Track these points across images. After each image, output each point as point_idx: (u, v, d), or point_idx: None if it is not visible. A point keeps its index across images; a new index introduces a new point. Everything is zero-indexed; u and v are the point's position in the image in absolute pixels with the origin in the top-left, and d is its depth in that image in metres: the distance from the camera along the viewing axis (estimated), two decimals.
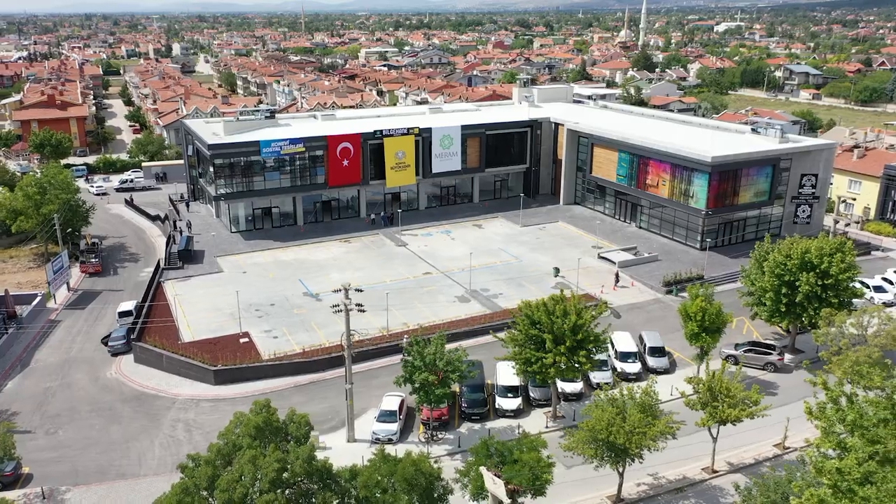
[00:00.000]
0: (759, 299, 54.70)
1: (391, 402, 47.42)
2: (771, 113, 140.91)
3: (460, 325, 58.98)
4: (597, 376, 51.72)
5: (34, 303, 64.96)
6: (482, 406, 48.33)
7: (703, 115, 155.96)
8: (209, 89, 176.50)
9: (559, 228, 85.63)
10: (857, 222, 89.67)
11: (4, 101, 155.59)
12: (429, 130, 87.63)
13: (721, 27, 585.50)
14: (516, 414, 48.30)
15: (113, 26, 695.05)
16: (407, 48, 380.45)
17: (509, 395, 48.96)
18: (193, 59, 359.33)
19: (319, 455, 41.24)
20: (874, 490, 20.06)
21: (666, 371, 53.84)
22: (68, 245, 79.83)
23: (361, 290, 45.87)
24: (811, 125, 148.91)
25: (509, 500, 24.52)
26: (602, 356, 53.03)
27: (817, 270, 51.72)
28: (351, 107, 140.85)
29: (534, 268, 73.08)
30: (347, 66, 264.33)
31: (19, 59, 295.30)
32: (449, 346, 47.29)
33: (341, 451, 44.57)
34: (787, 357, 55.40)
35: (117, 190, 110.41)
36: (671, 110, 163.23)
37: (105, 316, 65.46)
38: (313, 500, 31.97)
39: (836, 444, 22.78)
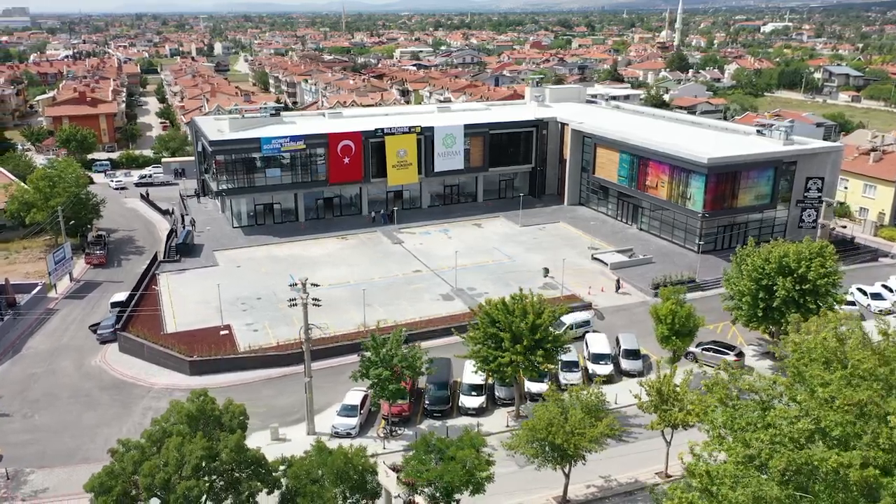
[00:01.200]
0: (738, 303, 53.77)
1: (353, 397, 47.92)
2: (797, 115, 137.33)
3: (436, 323, 59.26)
4: (567, 377, 51.45)
5: (33, 292, 67.21)
6: (445, 403, 48.52)
7: (732, 118, 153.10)
8: (236, 87, 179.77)
9: (559, 229, 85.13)
10: (843, 227, 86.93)
11: (38, 98, 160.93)
12: (431, 129, 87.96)
13: (768, 27, 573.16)
14: (479, 412, 48.34)
15: (161, 26, 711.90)
16: (443, 48, 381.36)
17: (473, 393, 49.01)
18: (229, 58, 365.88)
19: (276, 447, 42.40)
20: (734, 494, 19.72)
21: (640, 374, 53.10)
22: (77, 237, 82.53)
23: (318, 285, 46.46)
24: (842, 127, 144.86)
25: (397, 493, 24.72)
26: (573, 357, 52.92)
27: (795, 275, 50.65)
28: (372, 105, 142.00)
29: (525, 268, 72.83)
30: (379, 65, 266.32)
31: (65, 57, 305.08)
32: (413, 344, 47.84)
33: (301, 443, 45.02)
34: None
35: (136, 185, 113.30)
36: (694, 112, 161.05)
37: (101, 306, 67.25)
38: (240, 487, 32.58)
39: (719, 446, 22.46)
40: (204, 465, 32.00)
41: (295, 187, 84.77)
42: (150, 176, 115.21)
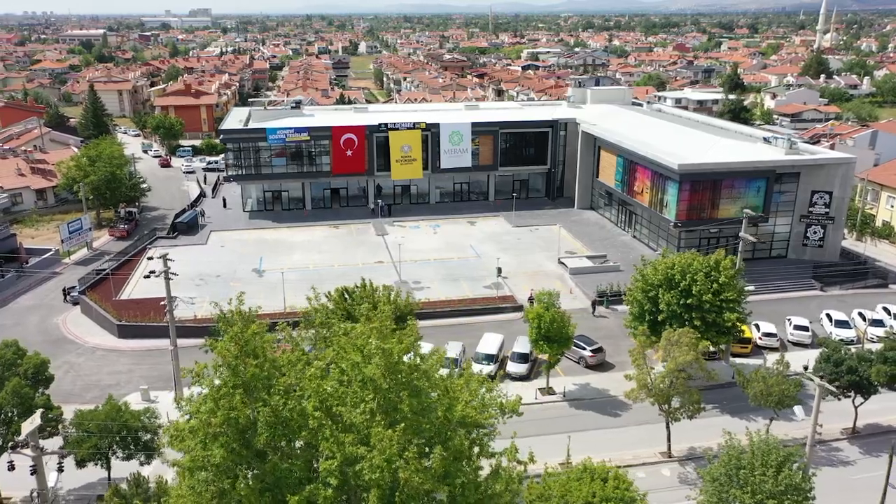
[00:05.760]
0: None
1: None
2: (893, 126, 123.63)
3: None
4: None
5: (44, 256, 76.29)
6: None
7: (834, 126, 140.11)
8: (335, 86, 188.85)
9: (551, 232, 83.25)
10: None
11: (150, 90, 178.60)
12: (437, 126, 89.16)
13: None
14: None
15: (327, 26, 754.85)
16: (577, 49, 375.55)
17: None
18: (352, 57, 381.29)
19: (143, 405, 46.25)
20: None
21: (522, 378, 52.29)
22: (113, 212, 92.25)
23: (173, 260, 50.04)
24: None
25: (25, 440, 27.39)
26: (491, 350, 53.23)
27: (679, 289, 47.58)
28: (446, 101, 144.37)
29: (486, 267, 72.50)
30: (497, 65, 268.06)
31: (220, 54, 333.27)
32: None
33: (165, 404, 48.95)
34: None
35: (204, 169, 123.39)
36: (803, 119, 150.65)
37: None
38: (11, 427, 36.68)
39: None
40: None
41: (300, 177, 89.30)
42: (217, 162, 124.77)
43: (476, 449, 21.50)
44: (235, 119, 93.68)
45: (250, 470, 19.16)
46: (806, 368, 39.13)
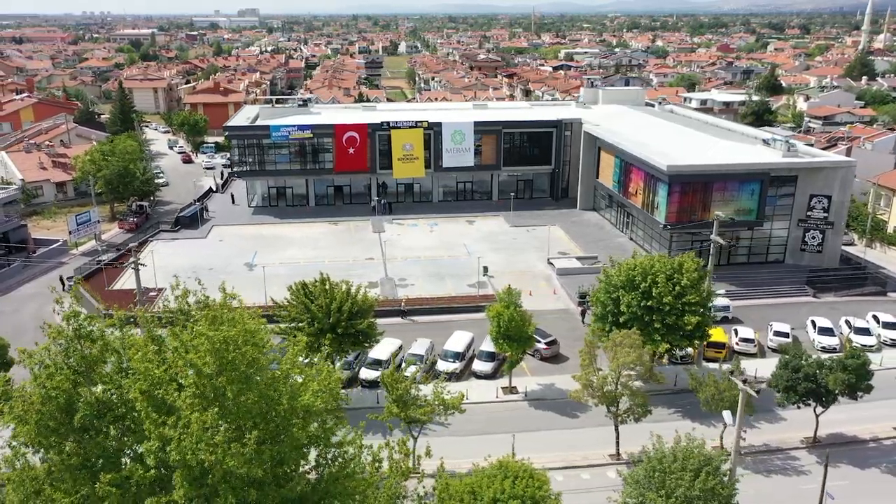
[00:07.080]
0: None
1: None
2: None
3: None
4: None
5: (52, 246, 79.10)
6: None
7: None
8: (363, 85, 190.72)
9: (547, 232, 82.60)
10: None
11: (181, 87, 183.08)
12: (439, 125, 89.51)
13: None
14: None
15: (372, 26, 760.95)
16: (618, 50, 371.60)
17: None
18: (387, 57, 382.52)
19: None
20: None
21: (488, 376, 52.41)
22: (127, 205, 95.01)
23: (140, 251, 51.36)
24: None
25: None
26: (457, 348, 53.59)
27: (640, 291, 47.07)
28: (466, 101, 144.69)
29: (476, 265, 72.42)
30: (532, 65, 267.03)
31: (258, 53, 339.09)
32: None
33: None
34: None
35: (223, 166, 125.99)
36: (835, 122, 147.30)
37: None
38: None
39: None
40: None
41: (303, 174, 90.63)
42: None
43: (332, 438, 21.91)
44: (244, 117, 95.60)
45: (71, 446, 19.98)
46: (732, 373, 38.28)
